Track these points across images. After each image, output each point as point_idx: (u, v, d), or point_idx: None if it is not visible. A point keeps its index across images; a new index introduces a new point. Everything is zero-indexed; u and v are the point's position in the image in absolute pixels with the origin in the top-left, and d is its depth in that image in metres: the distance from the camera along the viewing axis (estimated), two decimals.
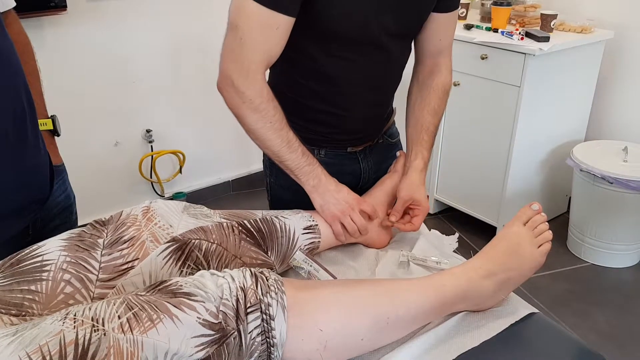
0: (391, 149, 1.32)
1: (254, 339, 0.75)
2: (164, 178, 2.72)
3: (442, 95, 1.21)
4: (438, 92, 1.20)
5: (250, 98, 1.00)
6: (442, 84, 1.21)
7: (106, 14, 2.30)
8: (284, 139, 1.05)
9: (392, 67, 1.18)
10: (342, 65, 1.10)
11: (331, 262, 1.10)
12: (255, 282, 0.78)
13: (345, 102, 1.15)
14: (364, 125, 1.22)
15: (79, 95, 2.34)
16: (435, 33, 1.17)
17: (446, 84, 1.22)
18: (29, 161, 1.01)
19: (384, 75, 1.17)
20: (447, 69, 1.22)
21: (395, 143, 1.34)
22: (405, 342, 0.87)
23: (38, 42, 2.16)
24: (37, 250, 0.86)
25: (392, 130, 1.33)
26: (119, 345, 0.66)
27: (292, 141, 1.06)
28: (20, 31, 1.11)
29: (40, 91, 1.15)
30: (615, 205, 2.24)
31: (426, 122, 1.19)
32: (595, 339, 1.95)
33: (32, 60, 1.13)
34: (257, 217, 1.03)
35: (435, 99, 1.20)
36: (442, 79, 1.21)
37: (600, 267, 2.36)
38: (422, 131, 1.19)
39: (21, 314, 0.80)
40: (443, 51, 1.20)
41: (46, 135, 1.12)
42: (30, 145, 1.00)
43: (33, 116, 1.01)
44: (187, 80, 2.63)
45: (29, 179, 1.01)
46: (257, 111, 1.02)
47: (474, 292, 0.91)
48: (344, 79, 1.12)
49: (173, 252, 0.89)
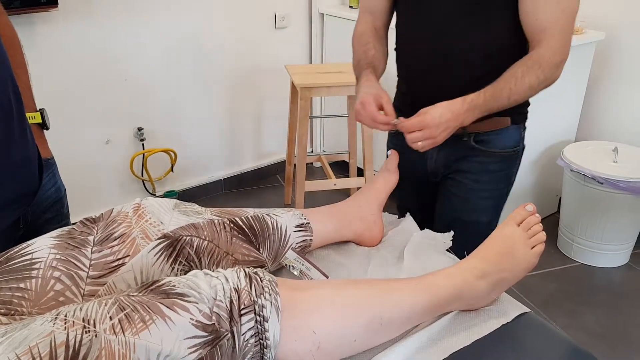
0: (477, 155, 1.24)
1: (247, 341, 0.75)
2: (155, 176, 2.71)
3: (529, 61, 1.10)
4: (524, 60, 1.11)
5: None
6: (534, 54, 1.11)
7: (98, 11, 2.29)
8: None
9: (453, 37, 1.13)
10: (402, 21, 1.19)
11: (323, 260, 1.10)
12: (249, 283, 0.78)
13: (409, 62, 1.20)
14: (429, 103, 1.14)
15: (70, 92, 2.32)
16: (531, 12, 1.10)
17: (540, 56, 1.10)
18: (17, 154, 1.00)
19: (444, 45, 1.14)
20: (547, 46, 1.10)
21: (484, 152, 1.24)
22: (398, 341, 0.87)
23: (29, 39, 2.14)
24: (26, 249, 0.85)
25: (489, 137, 1.23)
26: (111, 346, 0.66)
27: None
28: (6, 23, 1.10)
29: (28, 84, 1.13)
30: (605, 205, 2.26)
31: (500, 79, 1.11)
32: (585, 338, 1.96)
33: (19, 53, 1.12)
34: (249, 215, 1.02)
35: (519, 65, 1.10)
36: (537, 52, 1.11)
37: (590, 267, 2.38)
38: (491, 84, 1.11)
39: (10, 312, 0.79)
40: (543, 31, 1.10)
41: (35, 129, 1.11)
42: (17, 138, 0.99)
43: (20, 109, 1.01)
44: (179, 78, 2.62)
45: (17, 172, 1.01)
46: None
47: (467, 293, 0.91)
48: (405, 37, 1.20)
49: (164, 249, 0.89)
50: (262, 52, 2.86)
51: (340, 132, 2.97)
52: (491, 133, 1.24)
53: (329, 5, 2.97)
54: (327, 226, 1.11)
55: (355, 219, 1.14)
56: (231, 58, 2.74)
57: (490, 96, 1.10)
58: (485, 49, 1.16)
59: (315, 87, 2.33)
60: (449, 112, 1.08)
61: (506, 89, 1.10)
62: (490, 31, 1.15)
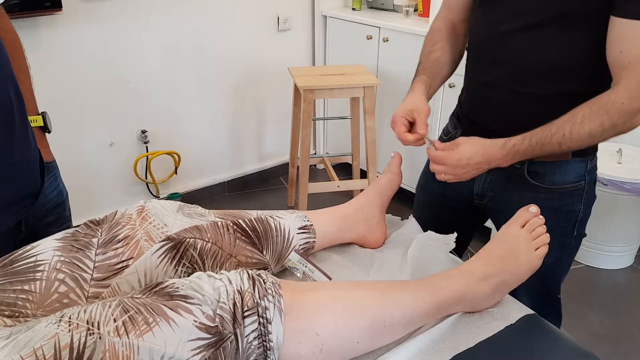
0: (530, 189, 1.10)
1: (251, 343, 0.75)
2: (159, 179, 2.71)
3: (595, 105, 0.95)
4: (591, 102, 0.96)
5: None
6: (605, 96, 0.95)
7: (101, 14, 2.30)
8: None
9: (525, 44, 0.99)
10: (474, 20, 1.11)
11: (326, 262, 1.10)
12: (252, 285, 0.78)
13: (474, 67, 1.10)
14: (497, 121, 1.06)
15: (73, 95, 2.33)
16: (614, 42, 0.94)
17: (611, 100, 0.94)
18: (18, 156, 1.00)
19: (522, 54, 1.00)
20: (625, 88, 0.93)
21: (538, 187, 1.09)
22: (400, 343, 0.87)
23: (33, 42, 2.15)
24: (31, 251, 0.85)
25: (545, 169, 1.08)
26: (115, 349, 0.66)
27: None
28: (8, 27, 1.10)
29: (30, 88, 1.14)
30: (609, 206, 2.25)
31: (555, 121, 0.97)
32: (589, 340, 1.95)
33: (21, 57, 1.12)
34: (252, 217, 1.02)
35: (582, 107, 0.95)
36: (609, 94, 0.95)
37: (595, 269, 2.37)
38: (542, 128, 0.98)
39: (15, 314, 0.80)
40: (626, 67, 0.93)
41: (37, 132, 1.12)
42: (18, 140, 1.00)
43: (22, 111, 1.01)
44: (183, 81, 2.62)
45: (19, 174, 1.01)
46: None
47: (470, 295, 0.91)
48: (473, 43, 1.11)
49: (168, 251, 0.89)
50: (265, 54, 2.87)
51: (343, 134, 2.97)
52: (547, 165, 1.09)
53: (331, 7, 2.98)
54: (330, 228, 1.11)
55: (358, 220, 1.14)
56: (234, 60, 2.75)
57: (537, 143, 0.98)
58: (556, 66, 1.01)
59: (318, 89, 2.33)
60: (481, 155, 1.00)
61: (558, 134, 0.96)
62: (565, 47, 1.00)
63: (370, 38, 2.70)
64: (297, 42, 2.99)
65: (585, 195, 1.14)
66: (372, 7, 2.94)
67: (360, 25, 2.75)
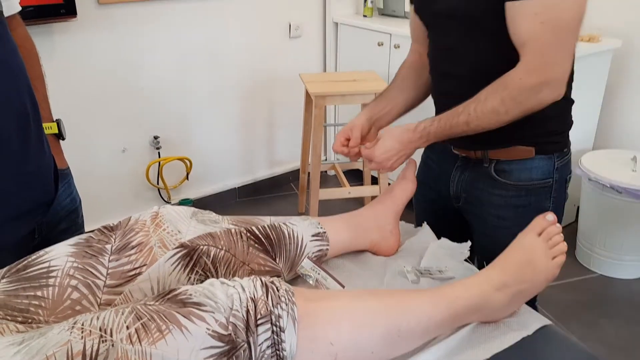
0: (498, 187, 1.14)
1: (264, 352, 0.74)
2: (170, 184, 2.72)
3: (495, 83, 1.01)
4: (494, 82, 1.01)
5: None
6: (505, 75, 1.00)
7: (115, 20, 2.31)
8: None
9: (455, 54, 1.09)
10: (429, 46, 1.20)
11: (339, 270, 1.09)
12: (265, 293, 0.77)
13: (434, 86, 1.21)
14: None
15: (87, 101, 2.35)
16: (510, 26, 0.99)
17: (510, 77, 0.99)
18: (33, 163, 1.00)
19: (450, 64, 1.12)
20: (522, 64, 0.98)
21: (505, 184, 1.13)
22: (415, 353, 0.85)
23: (48, 49, 2.17)
24: (44, 257, 0.85)
25: (510, 167, 1.13)
26: (127, 356, 0.65)
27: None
28: (25, 35, 1.11)
29: (45, 95, 1.15)
30: (624, 215, 2.22)
31: (462, 104, 1.04)
32: (603, 350, 1.92)
33: (37, 65, 1.13)
34: (265, 224, 1.02)
35: (487, 87, 1.01)
36: (509, 72, 1.00)
37: (609, 278, 2.34)
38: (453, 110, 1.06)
39: (27, 320, 0.80)
40: (522, 46, 0.98)
41: (51, 139, 1.13)
42: (33, 148, 1.00)
43: (37, 119, 1.02)
44: (195, 87, 2.63)
45: (33, 181, 1.01)
46: None
47: (486, 305, 0.89)
48: (430, 61, 1.21)
49: (181, 258, 0.88)
50: (277, 61, 2.87)
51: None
52: (512, 163, 1.13)
53: (343, 14, 2.98)
54: (343, 235, 1.10)
55: (371, 228, 1.13)
56: (246, 67, 2.76)
57: (445, 123, 1.05)
58: (475, 67, 1.09)
59: (329, 96, 2.33)
60: (398, 142, 1.10)
61: (464, 114, 1.02)
62: (480, 49, 1.07)
63: (381, 45, 2.69)
64: (308, 48, 2.99)
65: (554, 194, 1.16)
66: (383, 14, 2.94)
67: (372, 32, 2.74)
